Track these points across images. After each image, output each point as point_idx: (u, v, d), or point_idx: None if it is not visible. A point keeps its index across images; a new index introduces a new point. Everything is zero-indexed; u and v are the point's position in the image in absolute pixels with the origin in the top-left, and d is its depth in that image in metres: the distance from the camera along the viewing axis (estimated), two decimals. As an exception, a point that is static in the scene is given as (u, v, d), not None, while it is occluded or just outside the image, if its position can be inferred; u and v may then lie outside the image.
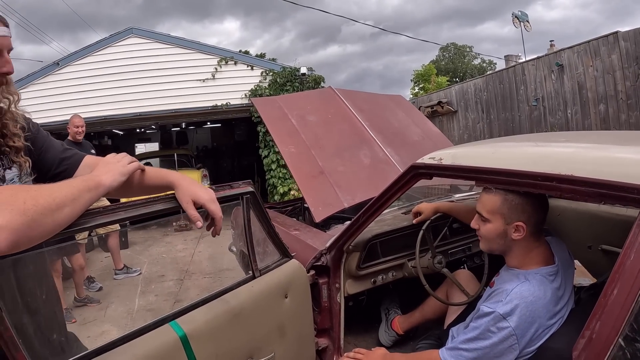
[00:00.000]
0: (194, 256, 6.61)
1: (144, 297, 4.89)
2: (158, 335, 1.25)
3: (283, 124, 3.24)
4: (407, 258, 2.33)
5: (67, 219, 0.96)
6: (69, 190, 0.97)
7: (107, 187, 1.09)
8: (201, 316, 1.40)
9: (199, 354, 1.32)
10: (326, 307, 2.21)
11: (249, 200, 1.54)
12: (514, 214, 1.46)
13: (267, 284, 1.69)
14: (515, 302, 1.36)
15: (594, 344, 1.03)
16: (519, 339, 1.35)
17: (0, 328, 0.94)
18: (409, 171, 1.73)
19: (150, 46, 9.09)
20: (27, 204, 0.86)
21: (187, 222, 8.42)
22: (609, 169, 1.16)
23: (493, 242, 1.52)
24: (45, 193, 0.92)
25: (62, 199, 0.94)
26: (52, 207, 0.91)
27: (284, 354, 1.73)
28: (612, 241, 2.35)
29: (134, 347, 1.17)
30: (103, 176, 1.10)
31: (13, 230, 0.82)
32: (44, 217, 0.89)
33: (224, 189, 1.43)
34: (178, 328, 1.30)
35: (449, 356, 1.48)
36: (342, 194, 2.73)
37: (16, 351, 0.96)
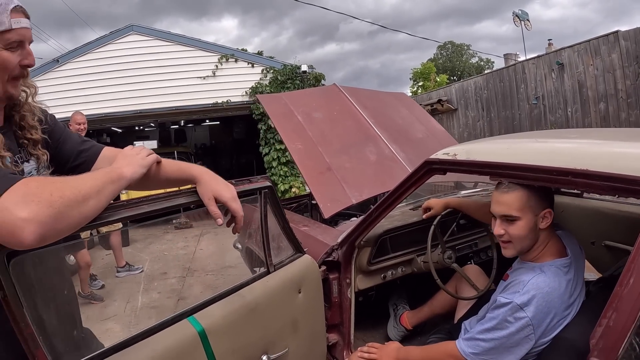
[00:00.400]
0: (196, 254, 6.61)
1: (147, 295, 4.89)
2: (177, 331, 1.25)
3: (289, 120, 3.25)
4: (416, 254, 2.34)
5: (93, 211, 0.95)
6: (93, 182, 0.96)
7: (129, 179, 1.08)
8: (218, 311, 1.40)
9: (217, 348, 1.33)
10: (336, 302, 2.22)
11: (267, 195, 1.55)
12: (539, 204, 1.47)
13: (281, 279, 1.69)
14: (532, 293, 1.38)
15: (611, 332, 1.05)
16: (535, 329, 1.38)
17: (21, 325, 0.94)
18: (422, 166, 1.74)
19: (151, 43, 9.08)
20: (54, 195, 0.85)
21: (187, 220, 8.42)
22: (622, 163, 1.20)
23: (525, 239, 1.50)
24: (71, 185, 0.91)
25: (88, 191, 0.93)
26: (79, 199, 0.90)
27: (297, 350, 1.74)
28: (616, 237, 2.38)
29: (153, 343, 1.18)
30: (124, 168, 1.09)
31: (40, 222, 0.81)
32: (70, 210, 0.87)
33: (243, 184, 1.44)
34: (196, 323, 1.30)
35: (465, 346, 1.50)
36: (350, 190, 2.74)
37: (36, 348, 0.96)
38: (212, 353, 1.32)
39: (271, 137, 9.12)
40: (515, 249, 1.54)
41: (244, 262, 3.96)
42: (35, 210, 0.81)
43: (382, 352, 1.82)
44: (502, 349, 1.42)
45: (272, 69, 9.30)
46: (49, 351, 0.98)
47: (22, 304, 0.94)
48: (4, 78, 1.12)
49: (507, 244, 1.54)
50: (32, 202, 0.81)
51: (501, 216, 1.52)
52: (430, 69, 25.88)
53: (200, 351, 1.28)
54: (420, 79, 25.66)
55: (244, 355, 1.47)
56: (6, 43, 1.09)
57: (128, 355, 1.11)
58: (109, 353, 1.08)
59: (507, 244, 1.54)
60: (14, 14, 1.08)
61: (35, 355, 0.96)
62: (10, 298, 0.92)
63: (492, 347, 1.43)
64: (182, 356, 1.24)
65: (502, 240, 1.55)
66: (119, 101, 8.82)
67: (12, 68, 1.12)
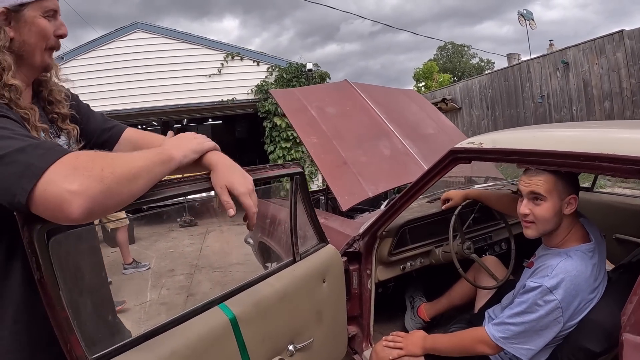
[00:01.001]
0: (202, 251, 6.62)
1: (156, 291, 4.90)
2: (209, 318, 1.25)
3: (303, 115, 3.26)
4: (434, 245, 2.36)
5: (141, 189, 0.93)
6: (144, 161, 0.94)
7: (178, 162, 1.05)
8: (249, 299, 1.39)
9: (247, 336, 1.33)
10: (356, 294, 2.23)
11: (298, 181, 1.55)
12: (566, 189, 1.50)
13: (307, 268, 1.69)
14: (561, 276, 1.41)
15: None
16: (564, 311, 1.40)
17: (56, 308, 0.90)
18: (448, 155, 1.76)
19: (156, 41, 9.06)
20: (105, 171, 0.82)
21: (192, 218, 8.43)
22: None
23: (550, 221, 1.52)
24: (122, 162, 0.88)
25: (138, 169, 0.90)
26: (129, 176, 0.87)
27: (321, 340, 1.74)
28: (626, 230, 2.42)
29: (186, 330, 1.18)
30: (174, 150, 1.06)
31: (89, 197, 0.78)
32: (120, 187, 0.85)
33: (277, 169, 1.45)
34: (228, 310, 1.30)
35: (495, 331, 1.52)
36: (366, 184, 2.76)
37: (70, 333, 0.94)
38: (242, 341, 1.31)
39: (276, 135, 9.13)
40: (538, 230, 1.56)
41: (256, 257, 3.97)
42: (85, 184, 0.78)
43: (408, 340, 1.83)
44: (531, 332, 1.45)
45: (278, 67, 9.30)
46: (82, 337, 0.96)
47: (59, 285, 0.91)
48: (42, 46, 1.12)
49: (530, 225, 1.57)
50: (82, 176, 0.79)
51: (529, 194, 1.54)
52: (432, 69, 25.91)
53: (231, 338, 1.28)
54: (422, 78, 25.69)
55: (272, 343, 1.47)
56: (44, 10, 1.09)
57: (163, 341, 1.11)
58: (144, 339, 1.09)
59: (530, 224, 1.57)
60: None
61: (69, 340, 0.93)
62: (47, 279, 0.88)
63: (522, 331, 1.46)
64: (215, 343, 1.23)
65: (526, 220, 1.57)
66: (124, 99, 8.82)
67: (50, 37, 1.12)
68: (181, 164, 1.07)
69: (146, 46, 9.02)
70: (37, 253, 0.85)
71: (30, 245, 0.85)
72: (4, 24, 1.05)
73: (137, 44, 9.00)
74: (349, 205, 2.60)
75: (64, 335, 0.92)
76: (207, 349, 1.19)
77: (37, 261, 0.86)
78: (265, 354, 1.43)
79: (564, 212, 1.52)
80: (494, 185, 2.92)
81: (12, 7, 1.05)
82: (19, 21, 1.07)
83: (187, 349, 1.13)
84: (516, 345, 1.48)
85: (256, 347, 1.37)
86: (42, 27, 1.10)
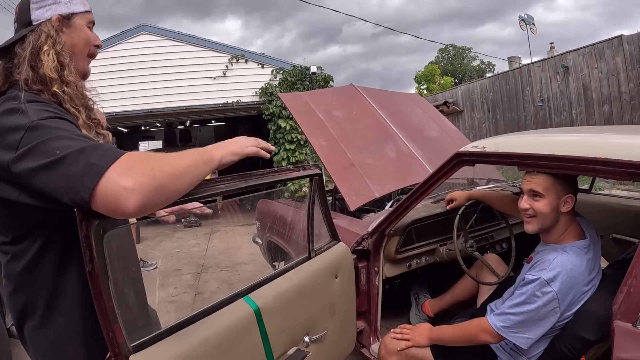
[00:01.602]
0: (208, 251, 6.71)
1: (164, 290, 4.99)
2: (236, 309, 1.32)
3: (311, 118, 3.37)
4: (439, 244, 2.47)
5: (187, 187, 1.01)
6: (189, 161, 1.03)
7: (217, 161, 1.11)
8: (270, 291, 1.46)
9: (269, 326, 1.39)
10: (364, 290, 2.34)
11: (316, 182, 1.67)
12: (563, 189, 1.62)
13: (322, 264, 1.77)
14: (557, 270, 1.53)
15: (632, 297, 1.22)
16: (561, 302, 1.52)
17: (104, 298, 0.96)
18: (453, 158, 1.87)
19: (162, 43, 9.16)
20: (156, 170, 0.91)
21: (197, 219, 8.53)
22: (637, 151, 1.36)
23: (547, 217, 1.65)
24: (170, 161, 0.97)
25: (185, 168, 0.99)
26: (177, 174, 0.96)
27: (333, 333, 1.81)
28: (623, 230, 2.52)
29: (216, 319, 1.24)
30: (215, 151, 1.13)
31: (143, 193, 0.87)
32: (170, 184, 0.94)
33: (299, 170, 1.56)
34: (252, 302, 1.36)
35: (497, 321, 1.63)
36: (373, 185, 2.87)
37: (114, 322, 0.98)
38: (265, 331, 1.38)
39: (280, 137, 9.23)
40: (537, 224, 1.68)
41: (263, 256, 4.07)
42: (139, 182, 0.87)
43: (415, 332, 1.93)
44: (530, 322, 1.56)
45: (282, 70, 9.41)
46: (124, 326, 1.01)
47: (108, 277, 0.97)
48: (85, 52, 1.27)
49: (530, 219, 1.70)
50: (136, 174, 0.88)
51: (528, 191, 1.68)
52: (434, 71, 26.03)
53: (255, 329, 1.35)
54: (424, 81, 25.81)
55: (291, 335, 1.54)
56: (88, 21, 1.26)
57: (195, 330, 1.17)
58: (177, 328, 1.14)
59: (531, 218, 1.70)
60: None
61: (112, 329, 0.98)
62: (98, 270, 0.95)
63: (522, 320, 1.57)
64: (241, 332, 1.30)
65: (527, 215, 1.70)
66: (129, 100, 8.90)
67: (91, 45, 1.27)
68: (221, 164, 1.13)
69: (152, 48, 9.11)
70: (91, 246, 0.93)
71: (87, 239, 0.93)
72: (59, 29, 1.20)
73: (142, 46, 9.09)
74: (356, 205, 2.71)
75: (108, 324, 0.98)
76: (234, 338, 1.26)
77: (90, 254, 0.93)
78: (284, 344, 1.50)
79: (561, 209, 1.64)
80: (496, 186, 3.03)
81: (65, 15, 1.21)
82: (70, 27, 1.22)
83: (217, 337, 1.20)
84: (516, 334, 1.59)
85: (277, 338, 1.44)
86: (87, 34, 1.26)
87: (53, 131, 0.95)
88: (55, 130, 0.96)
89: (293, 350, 1.54)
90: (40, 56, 1.14)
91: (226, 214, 8.62)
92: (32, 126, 0.95)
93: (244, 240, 6.95)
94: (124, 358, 1.00)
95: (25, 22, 1.20)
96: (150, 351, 1.06)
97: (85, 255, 0.93)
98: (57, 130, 0.96)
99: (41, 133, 0.94)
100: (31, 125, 0.95)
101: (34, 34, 1.17)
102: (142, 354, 1.04)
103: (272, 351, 1.40)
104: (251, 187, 1.29)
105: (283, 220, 3.25)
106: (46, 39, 1.16)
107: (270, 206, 3.64)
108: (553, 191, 1.63)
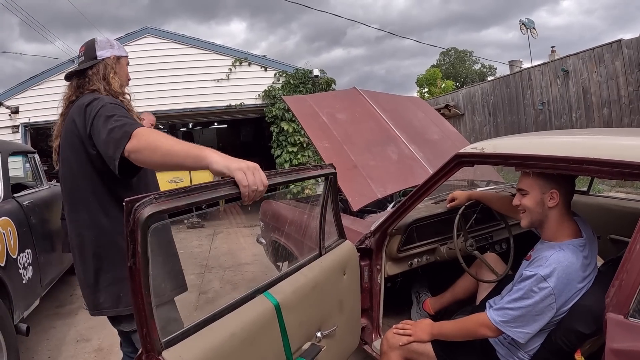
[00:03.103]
0: (211, 251, 6.76)
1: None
2: (258, 304, 1.37)
3: (315, 120, 3.44)
4: (439, 243, 2.54)
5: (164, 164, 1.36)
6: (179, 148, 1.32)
7: (205, 163, 1.26)
8: (288, 287, 1.52)
9: (288, 321, 1.44)
10: (367, 287, 2.41)
11: (331, 181, 1.74)
12: (547, 184, 1.72)
13: (332, 261, 1.84)
14: (553, 266, 1.59)
15: (623, 290, 1.29)
16: (557, 298, 1.58)
17: (143, 293, 0.98)
18: (453, 159, 1.94)
19: (166, 46, 9.27)
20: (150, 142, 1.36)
21: (199, 220, 8.59)
22: (628, 152, 1.42)
23: (533, 211, 1.75)
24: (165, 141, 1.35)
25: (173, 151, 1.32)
26: (163, 151, 1.33)
27: (342, 329, 1.87)
28: (620, 231, 2.58)
29: (240, 314, 1.29)
30: (212, 154, 1.27)
31: (136, 149, 1.36)
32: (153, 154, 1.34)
33: (316, 169, 1.64)
34: (272, 298, 1.42)
35: (496, 315, 1.69)
36: (375, 186, 2.94)
37: (151, 318, 1.00)
38: (284, 325, 1.43)
39: (283, 139, 9.31)
40: (528, 219, 1.80)
41: (267, 256, 4.14)
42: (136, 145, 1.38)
43: (417, 327, 1.99)
44: (528, 317, 1.62)
45: (285, 73, 9.50)
46: (159, 322, 1.03)
47: (149, 273, 1.00)
48: (125, 83, 1.86)
49: (522, 214, 1.82)
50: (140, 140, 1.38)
51: (518, 190, 1.81)
52: (435, 75, 26.12)
53: (275, 324, 1.40)
54: (425, 84, 25.91)
55: (306, 329, 1.60)
56: (127, 62, 1.90)
57: (222, 325, 1.21)
58: (204, 324, 1.18)
59: (522, 214, 1.81)
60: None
61: (147, 325, 1.00)
62: (140, 266, 0.97)
63: (519, 315, 1.63)
64: (264, 326, 1.35)
65: (520, 211, 1.82)
66: (134, 102, 8.96)
67: (128, 78, 1.89)
68: (210, 168, 1.27)
69: (156, 51, 9.20)
70: (136, 241, 0.96)
71: (132, 233, 0.95)
72: (115, 64, 1.80)
73: (147, 48, 9.17)
74: (359, 205, 2.79)
75: (144, 320, 1.00)
76: (258, 332, 1.31)
77: (134, 249, 0.96)
78: (300, 339, 1.57)
79: (548, 204, 1.72)
80: (495, 188, 3.10)
81: (117, 56, 1.83)
82: (120, 64, 1.84)
83: (244, 332, 1.24)
84: (514, 329, 1.65)
85: (294, 332, 1.50)
86: (126, 71, 1.90)
87: (114, 109, 1.53)
88: (116, 108, 1.54)
89: (308, 345, 1.60)
90: (109, 79, 1.75)
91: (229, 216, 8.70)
92: (104, 105, 1.54)
93: (247, 242, 7.00)
94: (157, 354, 1.03)
95: (91, 57, 1.78)
96: (181, 346, 1.08)
97: (129, 250, 0.97)
98: (117, 109, 1.54)
99: (108, 109, 1.53)
100: (104, 105, 1.54)
101: (101, 65, 1.76)
102: (174, 349, 1.06)
103: (289, 345, 1.46)
104: (276, 184, 1.38)
105: (287, 221, 3.32)
106: (111, 69, 1.77)
107: (274, 207, 3.71)
108: (536, 187, 1.73)
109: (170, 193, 1.03)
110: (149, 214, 0.96)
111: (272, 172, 1.37)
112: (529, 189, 1.75)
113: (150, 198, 0.99)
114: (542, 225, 1.77)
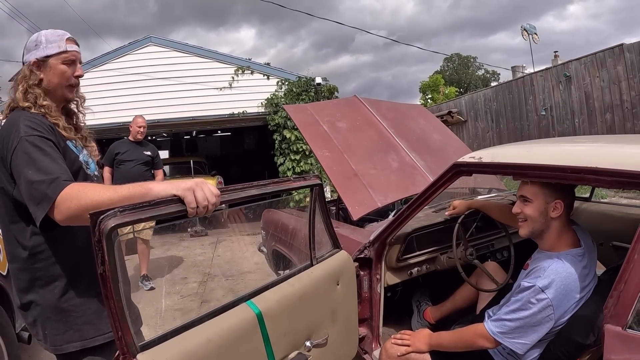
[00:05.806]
0: (214, 260, 6.77)
1: (170, 298, 5.05)
2: (238, 312, 1.38)
3: (315, 129, 3.45)
4: (439, 252, 2.53)
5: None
6: (109, 196, 1.26)
7: (153, 195, 1.22)
8: (273, 296, 1.52)
9: (271, 330, 1.43)
10: (366, 297, 2.40)
11: (317, 192, 1.74)
12: (552, 194, 1.69)
13: (323, 271, 1.82)
14: (552, 277, 1.58)
15: (621, 301, 1.28)
16: (555, 309, 1.57)
17: (114, 299, 1.03)
18: (451, 169, 1.94)
19: (169, 54, 9.35)
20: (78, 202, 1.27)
21: (202, 228, 8.61)
22: (626, 160, 1.42)
23: (536, 221, 1.71)
24: (92, 195, 1.27)
25: (101, 202, 1.23)
26: (93, 205, 1.21)
27: (335, 338, 1.84)
28: (622, 238, 2.55)
29: (219, 322, 1.30)
30: (156, 187, 1.26)
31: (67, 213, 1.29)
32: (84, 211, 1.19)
33: (299, 181, 1.64)
34: (254, 306, 1.42)
35: (493, 327, 1.68)
36: (376, 195, 2.94)
37: (123, 322, 1.05)
38: (267, 334, 1.43)
39: (286, 147, 9.33)
40: (528, 228, 1.75)
41: (268, 265, 4.14)
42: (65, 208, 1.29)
43: (415, 338, 1.98)
44: (526, 328, 1.61)
45: (287, 81, 9.54)
46: (132, 326, 1.08)
47: (118, 278, 1.05)
48: (63, 84, 1.58)
49: (522, 223, 1.77)
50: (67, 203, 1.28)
51: (520, 197, 1.77)
52: (438, 81, 26.15)
53: (257, 332, 1.40)
54: (428, 91, 25.94)
55: (292, 338, 1.59)
56: (63, 60, 1.57)
57: (200, 331, 1.23)
58: (183, 330, 1.21)
59: (522, 222, 1.77)
60: (68, 41, 1.58)
61: (122, 328, 1.05)
62: (110, 273, 1.03)
63: (517, 326, 1.62)
64: (244, 335, 1.35)
65: (519, 219, 1.78)
66: (136, 110, 8.96)
67: (68, 77, 1.58)
68: (158, 196, 1.23)
69: (159, 59, 9.29)
70: (103, 249, 1.02)
71: (99, 242, 1.02)
72: (35, 69, 1.54)
73: (149, 57, 9.27)
74: (359, 214, 2.78)
75: (118, 324, 1.05)
76: (237, 339, 1.31)
77: (102, 257, 1.03)
78: (286, 348, 1.55)
79: (551, 214, 1.70)
80: (497, 195, 3.09)
81: (41, 58, 1.54)
82: (46, 67, 1.55)
83: (220, 338, 1.25)
84: (512, 340, 1.64)
85: (278, 341, 1.49)
86: (61, 70, 1.57)
87: (31, 150, 1.37)
88: (34, 150, 1.37)
89: (294, 354, 1.58)
90: (18, 90, 1.52)
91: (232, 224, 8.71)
92: (20, 140, 1.36)
93: (250, 250, 7.00)
94: (132, 357, 1.07)
95: (23, 63, 1.58)
96: (156, 350, 1.12)
97: (97, 259, 1.03)
98: (34, 150, 1.37)
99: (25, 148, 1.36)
100: (19, 141, 1.37)
101: (20, 73, 1.56)
102: (149, 352, 1.10)
103: (273, 353, 1.46)
104: (252, 197, 1.38)
105: (287, 229, 3.32)
106: (22, 79, 1.54)
107: (275, 215, 3.72)
108: (541, 196, 1.70)
109: (135, 206, 1.10)
110: (113, 225, 1.03)
111: (246, 185, 1.39)
112: (532, 197, 1.71)
113: (115, 211, 1.05)
114: (542, 235, 1.75)
